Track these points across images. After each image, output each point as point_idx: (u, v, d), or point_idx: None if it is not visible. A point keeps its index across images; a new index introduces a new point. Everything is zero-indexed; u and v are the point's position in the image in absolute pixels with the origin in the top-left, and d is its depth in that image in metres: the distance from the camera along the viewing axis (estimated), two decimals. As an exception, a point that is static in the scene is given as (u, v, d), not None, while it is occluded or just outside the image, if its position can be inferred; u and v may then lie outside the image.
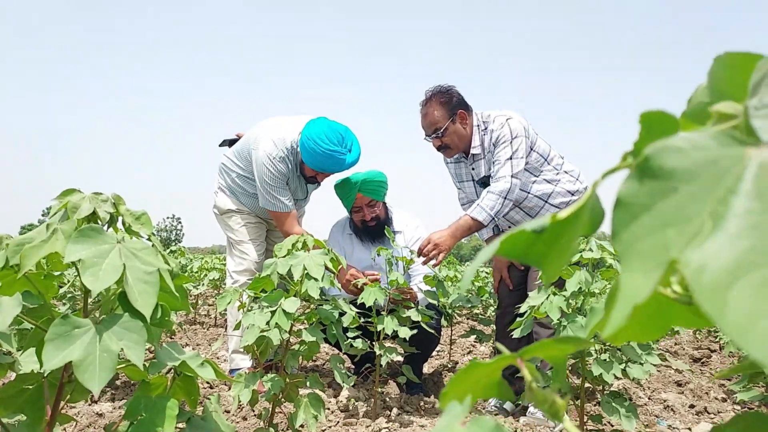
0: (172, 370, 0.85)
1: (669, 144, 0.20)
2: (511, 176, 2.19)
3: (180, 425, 0.77)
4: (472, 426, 0.24)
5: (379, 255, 2.07)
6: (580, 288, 1.44)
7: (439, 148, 2.37)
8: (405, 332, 1.93)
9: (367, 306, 1.86)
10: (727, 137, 0.20)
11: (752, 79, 0.24)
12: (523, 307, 1.57)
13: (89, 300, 0.78)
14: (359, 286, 2.09)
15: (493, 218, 2.21)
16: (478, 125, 2.33)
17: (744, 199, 0.17)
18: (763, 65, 0.24)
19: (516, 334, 1.63)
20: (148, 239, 0.80)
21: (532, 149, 2.30)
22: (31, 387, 0.80)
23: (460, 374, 0.33)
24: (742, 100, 0.28)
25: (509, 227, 2.46)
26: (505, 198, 2.19)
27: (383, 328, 1.94)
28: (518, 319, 1.62)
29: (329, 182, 2.71)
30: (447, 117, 2.28)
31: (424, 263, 2.26)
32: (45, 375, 0.78)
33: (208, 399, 0.88)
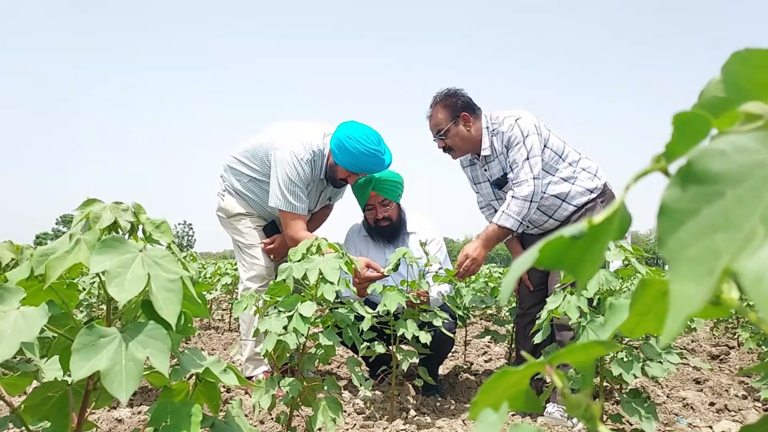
0: (194, 376, 0.85)
1: (712, 147, 0.20)
2: (533, 178, 2.18)
3: (204, 430, 0.78)
4: (513, 433, 0.23)
5: (397, 267, 2.05)
6: (600, 288, 1.43)
7: (443, 150, 2.40)
8: (425, 337, 1.92)
9: (391, 312, 1.86)
10: (772, 139, 0.19)
11: None
12: (543, 313, 1.56)
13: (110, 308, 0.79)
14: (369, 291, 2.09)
15: (521, 223, 2.20)
16: (487, 127, 2.33)
17: (798, 203, 0.17)
18: None
19: (537, 339, 1.62)
20: (168, 247, 0.80)
21: (545, 146, 2.27)
22: (56, 395, 0.81)
23: (490, 382, 0.33)
24: (763, 97, 0.28)
25: (527, 227, 2.44)
26: (531, 201, 2.18)
27: (402, 332, 1.93)
28: (537, 322, 1.62)
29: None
30: (449, 119, 2.31)
31: (461, 277, 2.27)
32: (70, 383, 0.79)
33: (229, 404, 0.88)
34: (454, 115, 2.31)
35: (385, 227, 2.53)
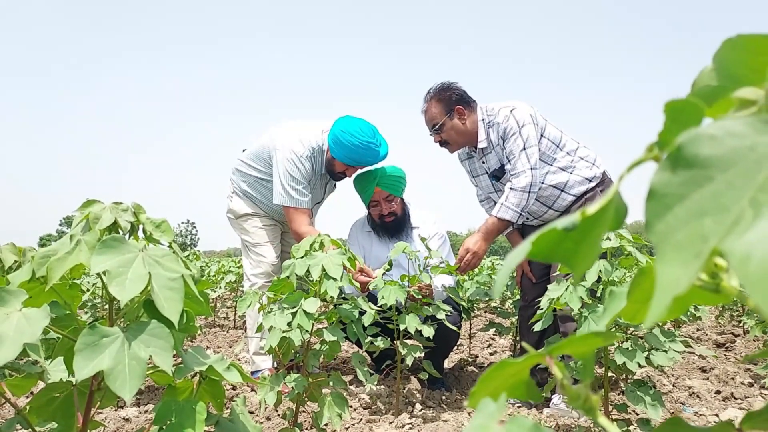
0: (198, 374, 0.86)
1: (702, 132, 0.20)
2: (531, 168, 2.18)
3: (209, 428, 0.78)
4: (510, 426, 0.23)
5: (390, 268, 2.04)
6: (600, 277, 1.43)
7: (440, 144, 2.40)
8: (428, 331, 1.92)
9: (388, 305, 1.86)
10: (764, 124, 0.19)
11: None
12: (543, 301, 1.56)
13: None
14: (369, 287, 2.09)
15: (521, 214, 2.20)
16: (482, 119, 2.32)
17: (786, 186, 0.17)
18: None
19: (537, 327, 1.62)
20: (169, 246, 0.81)
21: (542, 136, 2.27)
22: (61, 395, 0.81)
23: (489, 373, 0.33)
24: (756, 83, 0.28)
25: (527, 218, 2.44)
26: (529, 192, 2.18)
27: (405, 327, 1.93)
28: (539, 312, 1.61)
29: (346, 183, 2.72)
30: (444, 113, 2.31)
31: (463, 271, 2.27)
32: (75, 383, 0.80)
33: (234, 401, 0.89)
34: (449, 109, 2.31)
35: (390, 222, 2.54)
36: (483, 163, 2.39)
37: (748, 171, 0.18)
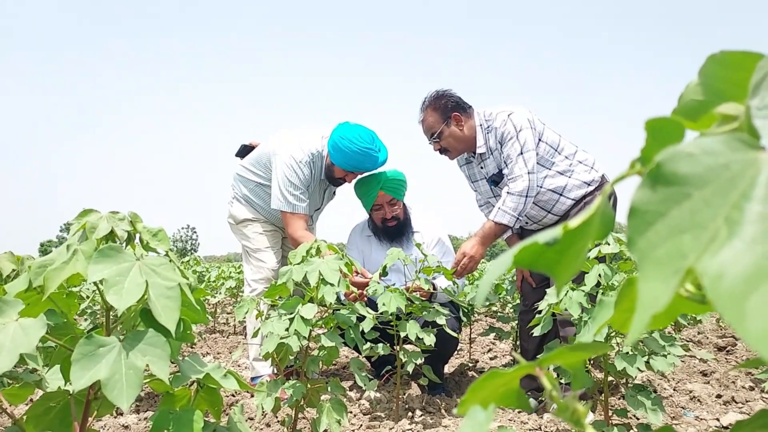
0: (196, 382, 0.86)
1: (680, 150, 0.20)
2: (528, 173, 2.17)
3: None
4: (496, 437, 0.24)
5: (386, 273, 2.05)
6: (599, 282, 1.43)
7: (440, 152, 2.40)
8: (429, 339, 1.92)
9: (390, 312, 1.86)
10: (738, 141, 0.20)
11: (753, 79, 0.24)
12: (542, 305, 1.56)
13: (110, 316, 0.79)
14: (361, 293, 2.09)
15: (518, 218, 2.20)
16: (480, 124, 2.33)
17: (758, 205, 0.17)
18: (764, 65, 0.23)
19: (536, 332, 1.62)
20: (166, 255, 0.81)
21: (540, 140, 2.27)
22: (58, 405, 0.81)
23: (478, 383, 0.33)
24: (739, 99, 0.28)
25: (526, 223, 2.44)
26: (526, 196, 2.18)
27: (406, 334, 1.93)
28: (537, 316, 1.61)
29: (344, 190, 2.73)
30: (441, 121, 2.32)
31: (459, 276, 2.27)
32: (72, 393, 0.80)
33: (233, 408, 0.89)
34: (445, 117, 2.32)
35: (393, 226, 2.55)
36: (481, 168, 2.40)
37: (723, 189, 0.19)
